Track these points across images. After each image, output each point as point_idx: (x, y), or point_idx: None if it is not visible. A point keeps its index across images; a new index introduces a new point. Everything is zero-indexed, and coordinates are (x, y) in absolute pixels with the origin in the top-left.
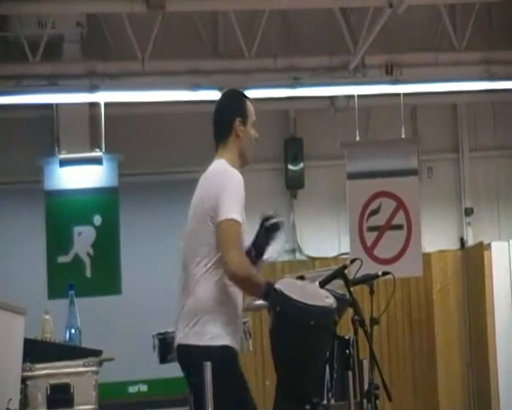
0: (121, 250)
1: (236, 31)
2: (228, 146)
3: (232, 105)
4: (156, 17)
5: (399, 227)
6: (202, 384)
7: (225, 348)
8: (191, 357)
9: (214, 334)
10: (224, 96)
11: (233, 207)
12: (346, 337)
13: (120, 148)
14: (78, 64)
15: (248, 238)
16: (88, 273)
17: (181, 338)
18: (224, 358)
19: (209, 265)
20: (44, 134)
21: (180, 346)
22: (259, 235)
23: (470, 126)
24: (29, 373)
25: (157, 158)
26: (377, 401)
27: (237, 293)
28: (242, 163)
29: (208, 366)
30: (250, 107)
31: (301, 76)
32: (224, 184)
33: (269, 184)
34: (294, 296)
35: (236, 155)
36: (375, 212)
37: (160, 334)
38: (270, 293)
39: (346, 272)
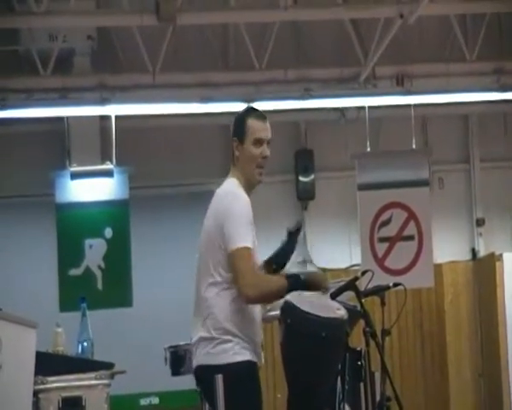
0: (132, 263)
1: (247, 43)
2: (233, 166)
3: (233, 126)
4: (167, 30)
5: (410, 238)
6: (216, 401)
7: (247, 363)
8: (212, 377)
9: (234, 351)
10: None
11: (240, 234)
12: (358, 349)
13: (131, 160)
14: (89, 77)
15: (260, 251)
16: (99, 286)
17: (200, 360)
18: (246, 372)
19: (220, 287)
20: (55, 147)
21: (199, 367)
22: (284, 245)
23: (481, 137)
24: (41, 386)
25: (168, 170)
26: None
27: (253, 307)
28: (248, 184)
29: (220, 378)
30: (253, 124)
31: (312, 88)
32: (228, 209)
33: (280, 195)
34: (305, 308)
35: (240, 176)
36: (386, 223)
37: (171, 347)
38: (293, 283)
39: (357, 283)
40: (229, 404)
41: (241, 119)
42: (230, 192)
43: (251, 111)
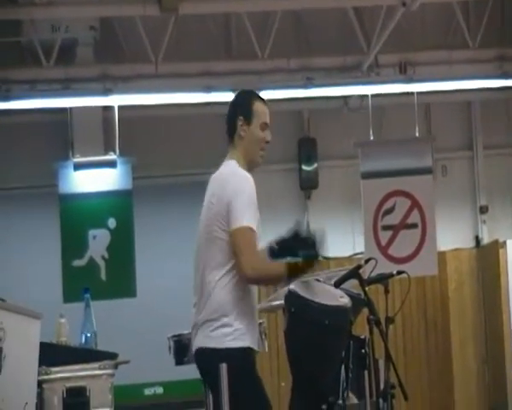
0: (136, 253)
1: (249, 32)
2: (234, 146)
3: (238, 104)
4: (169, 20)
5: (414, 226)
6: (219, 390)
7: (247, 349)
8: (211, 360)
9: (234, 336)
10: (236, 95)
11: (245, 214)
12: (362, 337)
13: (134, 150)
14: (92, 67)
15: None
16: (103, 276)
17: (200, 342)
18: (246, 358)
19: (223, 271)
20: (58, 138)
21: (199, 349)
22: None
23: (484, 124)
24: (45, 377)
25: (171, 160)
26: (393, 401)
27: (253, 295)
28: (250, 164)
29: (224, 367)
30: (259, 107)
31: (314, 76)
32: (235, 189)
33: (283, 184)
34: (309, 297)
35: (242, 156)
36: (389, 211)
37: (175, 336)
38: (292, 273)
39: (360, 271)
40: (230, 389)
41: (248, 100)
42: (236, 173)
43: (255, 94)
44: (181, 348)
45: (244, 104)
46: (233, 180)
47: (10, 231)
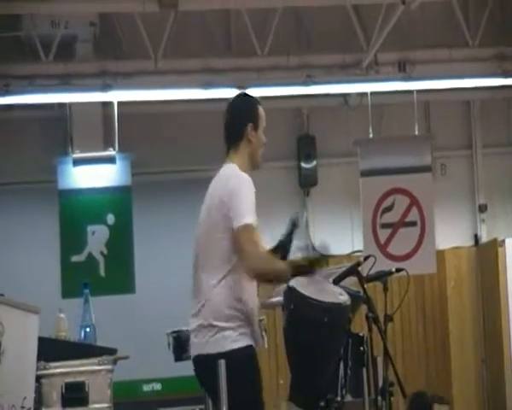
0: (135, 249)
1: (249, 29)
2: (239, 150)
3: (245, 110)
4: (169, 16)
5: (413, 224)
6: (218, 386)
7: (247, 348)
8: (214, 365)
9: (235, 337)
10: (236, 100)
11: (247, 213)
12: (361, 334)
13: (133, 147)
14: (91, 63)
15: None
16: (102, 272)
17: (200, 348)
18: (249, 356)
19: (222, 273)
20: (57, 134)
21: (200, 356)
22: (283, 237)
23: (483, 123)
24: (44, 372)
25: (170, 157)
26: (392, 398)
27: (253, 295)
28: (252, 167)
29: (222, 364)
30: (262, 112)
31: (314, 74)
32: (236, 190)
33: (282, 182)
34: (308, 294)
35: (247, 160)
36: (388, 209)
37: (174, 332)
38: (295, 271)
39: (359, 269)
40: (230, 390)
41: (254, 105)
42: (237, 175)
43: (257, 99)
44: (180, 345)
45: (251, 110)
46: (233, 181)
47: (9, 227)
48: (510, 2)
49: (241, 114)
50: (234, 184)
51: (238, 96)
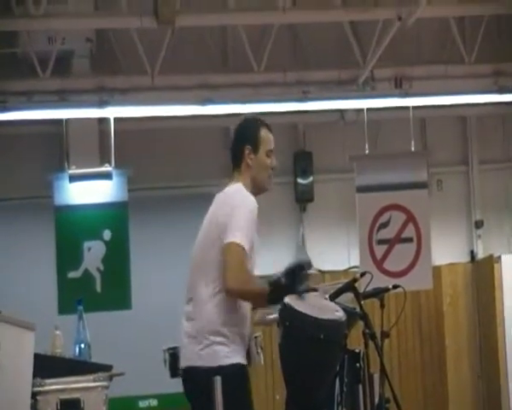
0: (131, 265)
1: (246, 45)
2: (241, 173)
3: (243, 133)
4: (166, 32)
5: (409, 240)
6: (213, 403)
7: (239, 366)
8: (204, 379)
9: (226, 353)
10: (240, 122)
11: (241, 232)
12: (357, 351)
13: (130, 162)
14: (88, 79)
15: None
16: (98, 288)
17: (190, 360)
18: (240, 374)
19: (217, 288)
20: (54, 149)
21: (189, 368)
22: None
23: (480, 139)
24: (39, 389)
25: (166, 172)
26: None
27: (247, 311)
28: (256, 191)
29: (218, 380)
30: (265, 135)
31: (310, 90)
32: (236, 205)
33: (278, 197)
34: (304, 310)
35: (249, 183)
36: (384, 225)
37: (170, 348)
38: (274, 297)
39: (356, 285)
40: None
41: (254, 128)
42: (240, 192)
43: (261, 122)
44: (176, 361)
45: (251, 133)
46: (236, 197)
47: (5, 242)
48: (506, 19)
49: (240, 136)
50: (235, 200)
51: (244, 118)
